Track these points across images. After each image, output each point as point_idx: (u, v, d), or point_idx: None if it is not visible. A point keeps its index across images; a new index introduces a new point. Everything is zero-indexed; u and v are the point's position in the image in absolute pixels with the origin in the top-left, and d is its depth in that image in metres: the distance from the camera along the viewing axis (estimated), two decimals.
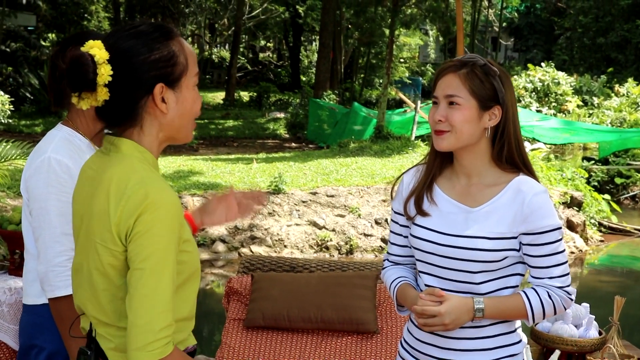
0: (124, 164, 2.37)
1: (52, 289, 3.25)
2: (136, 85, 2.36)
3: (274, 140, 27.19)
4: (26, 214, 3.43)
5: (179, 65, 2.42)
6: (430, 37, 48.00)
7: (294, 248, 13.02)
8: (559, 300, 2.94)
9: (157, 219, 2.25)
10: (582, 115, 24.95)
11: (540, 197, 2.88)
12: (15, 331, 4.85)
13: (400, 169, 15.93)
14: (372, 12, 25.51)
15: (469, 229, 2.91)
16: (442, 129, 2.90)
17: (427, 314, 2.88)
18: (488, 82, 2.89)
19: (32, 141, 7.99)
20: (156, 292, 2.24)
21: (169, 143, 2.52)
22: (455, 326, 2.89)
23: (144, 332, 2.22)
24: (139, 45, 2.37)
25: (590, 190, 16.63)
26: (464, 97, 2.88)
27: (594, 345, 4.53)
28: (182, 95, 2.43)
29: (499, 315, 2.92)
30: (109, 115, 2.42)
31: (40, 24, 35.13)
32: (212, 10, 45.02)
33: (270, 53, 55.78)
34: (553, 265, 2.92)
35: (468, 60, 2.94)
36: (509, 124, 2.95)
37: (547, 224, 2.87)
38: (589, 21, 39.47)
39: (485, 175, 2.97)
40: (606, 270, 13.88)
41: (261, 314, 5.23)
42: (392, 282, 3.15)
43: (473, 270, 2.90)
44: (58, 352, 3.39)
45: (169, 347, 2.26)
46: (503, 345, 2.98)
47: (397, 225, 3.16)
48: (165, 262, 2.26)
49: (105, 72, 2.31)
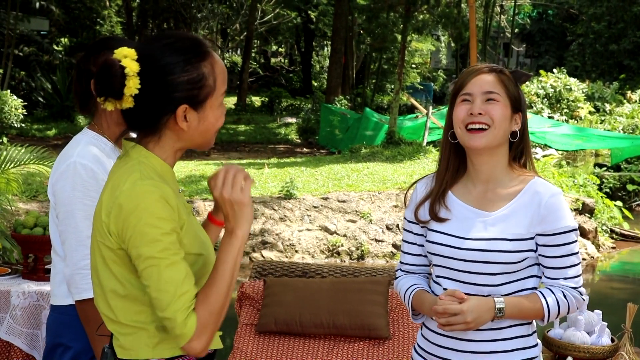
0: (126, 167, 2.40)
1: (79, 291, 3.29)
2: (161, 103, 2.38)
3: (286, 145, 27.22)
4: (53, 218, 3.48)
5: (206, 88, 2.42)
6: (442, 43, 47.91)
7: (305, 253, 13.02)
8: (573, 300, 2.95)
9: (142, 220, 2.28)
10: (594, 122, 24.87)
11: (556, 199, 2.91)
12: (28, 335, 4.87)
13: (412, 175, 15.93)
14: (384, 17, 25.44)
15: (487, 231, 2.92)
16: (482, 121, 2.90)
17: (449, 313, 2.87)
18: (516, 87, 2.97)
19: (45, 145, 8.03)
20: (165, 284, 2.28)
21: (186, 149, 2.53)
22: (476, 325, 2.89)
23: (168, 322, 2.30)
24: (171, 65, 2.37)
25: (602, 197, 16.60)
26: (502, 94, 2.93)
27: (607, 353, 4.52)
28: (205, 115, 2.44)
29: (519, 314, 2.93)
30: (132, 120, 2.44)
31: (53, 29, 35.21)
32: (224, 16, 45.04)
33: (282, 58, 55.84)
34: (568, 266, 2.93)
35: (495, 67, 3.00)
36: (525, 131, 3.01)
37: (564, 225, 2.90)
38: (602, 28, 39.37)
39: (502, 180, 2.99)
40: (618, 277, 13.84)
41: (273, 319, 5.23)
42: (407, 290, 3.15)
43: (493, 272, 2.92)
44: (84, 351, 3.42)
45: (191, 320, 2.31)
46: (522, 348, 2.99)
47: (411, 234, 3.16)
48: (165, 254, 2.29)
49: (133, 85, 2.33)
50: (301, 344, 5.23)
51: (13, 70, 27.16)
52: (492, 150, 2.95)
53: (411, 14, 22.91)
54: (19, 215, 10.56)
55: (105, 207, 2.35)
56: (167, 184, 2.39)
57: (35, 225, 5.15)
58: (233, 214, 2.39)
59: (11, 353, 4.97)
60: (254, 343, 5.24)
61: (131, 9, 39.57)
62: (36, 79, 29.52)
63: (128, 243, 2.31)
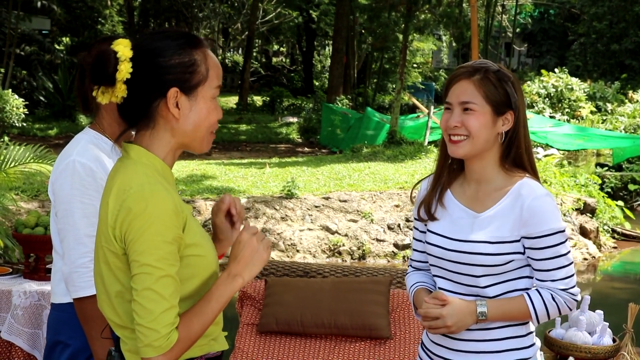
0: (129, 169, 2.40)
1: (76, 289, 3.31)
2: (152, 86, 2.40)
3: (287, 144, 27.21)
4: (53, 216, 3.51)
5: (197, 74, 2.44)
6: (443, 43, 47.90)
7: (307, 253, 13.02)
8: (563, 302, 2.95)
9: (148, 226, 2.29)
10: (596, 122, 24.85)
11: (539, 201, 2.89)
12: (30, 334, 4.87)
13: (413, 175, 15.92)
14: (385, 17, 25.44)
15: (473, 233, 2.93)
16: (459, 132, 2.91)
17: (430, 317, 2.93)
18: (501, 87, 2.91)
19: (46, 145, 8.02)
20: (156, 294, 2.29)
21: (183, 150, 2.53)
22: (459, 328, 2.92)
23: (149, 331, 2.29)
24: (162, 48, 2.41)
25: (603, 196, 16.59)
26: (479, 103, 2.89)
27: (608, 353, 4.52)
28: (197, 104, 2.45)
29: (503, 317, 2.94)
30: (126, 113, 2.46)
31: (54, 28, 35.23)
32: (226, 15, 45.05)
33: (284, 58, 55.84)
34: (556, 268, 2.92)
35: (480, 66, 2.95)
36: (519, 128, 2.97)
37: (547, 228, 2.88)
38: (603, 27, 39.33)
39: (494, 180, 2.98)
40: (619, 277, 13.83)
41: (274, 319, 5.23)
42: (410, 287, 3.20)
43: (476, 274, 2.93)
44: (82, 349, 3.45)
45: (174, 334, 2.31)
46: (515, 348, 2.99)
47: (417, 232, 3.20)
48: (161, 264, 2.30)
49: (125, 69, 2.37)
50: (302, 343, 5.23)
51: (14, 69, 27.15)
52: (479, 154, 2.95)
53: (413, 13, 22.92)
54: (20, 215, 10.56)
55: (112, 211, 2.35)
56: (169, 184, 2.40)
57: (37, 224, 5.15)
58: (247, 260, 2.43)
59: (12, 353, 4.98)
60: (255, 343, 5.24)
61: (132, 8, 39.60)
62: (38, 78, 29.52)
63: (129, 245, 2.32)
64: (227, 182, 15.43)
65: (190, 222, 2.43)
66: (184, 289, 2.40)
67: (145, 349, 2.30)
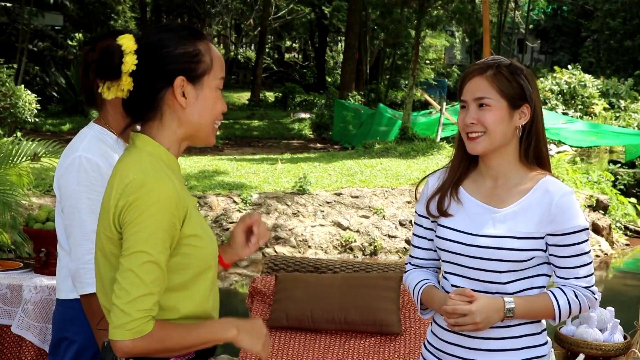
0: (134, 157, 2.42)
1: (83, 285, 3.30)
2: (158, 76, 2.42)
3: (299, 140, 27.20)
4: (59, 212, 3.49)
5: (202, 63, 2.46)
6: (456, 39, 47.86)
7: (318, 249, 13.03)
8: (585, 299, 2.94)
9: (145, 208, 2.30)
10: (609, 118, 24.81)
11: (567, 198, 2.88)
12: (40, 329, 4.88)
13: (425, 171, 15.90)
14: (398, 13, 25.44)
15: (496, 228, 2.91)
16: (476, 130, 2.90)
17: (458, 313, 2.87)
18: (515, 81, 2.90)
19: (58, 140, 8.03)
20: (137, 278, 2.29)
21: (189, 143, 2.55)
22: (485, 325, 2.88)
23: (121, 313, 2.29)
24: (166, 39, 2.44)
25: (616, 193, 16.55)
26: (494, 97, 2.88)
27: (619, 350, 4.51)
28: (203, 93, 2.47)
29: (529, 314, 2.92)
30: (133, 107, 2.47)
31: (67, 24, 35.27)
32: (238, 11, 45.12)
33: (296, 54, 55.80)
34: (579, 266, 2.92)
35: (493, 61, 2.94)
36: (537, 121, 2.96)
37: (574, 225, 2.87)
38: (617, 24, 39.20)
39: (512, 176, 2.97)
40: (632, 274, 13.79)
41: (285, 315, 5.23)
42: (416, 285, 3.14)
43: (500, 270, 2.90)
44: (88, 345, 3.43)
45: (148, 324, 2.30)
46: (530, 346, 2.97)
47: (421, 228, 3.15)
48: (150, 249, 2.30)
49: (130, 61, 2.39)
50: (312, 339, 5.23)
51: (27, 65, 27.21)
52: (496, 150, 2.94)
53: (425, 9, 22.89)
54: (32, 210, 10.59)
55: (114, 196, 2.36)
56: (175, 174, 2.42)
57: (48, 219, 5.16)
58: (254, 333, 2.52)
59: (23, 347, 4.98)
60: None
61: (145, 4, 39.67)
62: (50, 74, 29.60)
63: (124, 228, 2.32)
64: (239, 177, 15.45)
65: (193, 213, 2.43)
66: (176, 278, 2.40)
67: (114, 331, 2.30)
